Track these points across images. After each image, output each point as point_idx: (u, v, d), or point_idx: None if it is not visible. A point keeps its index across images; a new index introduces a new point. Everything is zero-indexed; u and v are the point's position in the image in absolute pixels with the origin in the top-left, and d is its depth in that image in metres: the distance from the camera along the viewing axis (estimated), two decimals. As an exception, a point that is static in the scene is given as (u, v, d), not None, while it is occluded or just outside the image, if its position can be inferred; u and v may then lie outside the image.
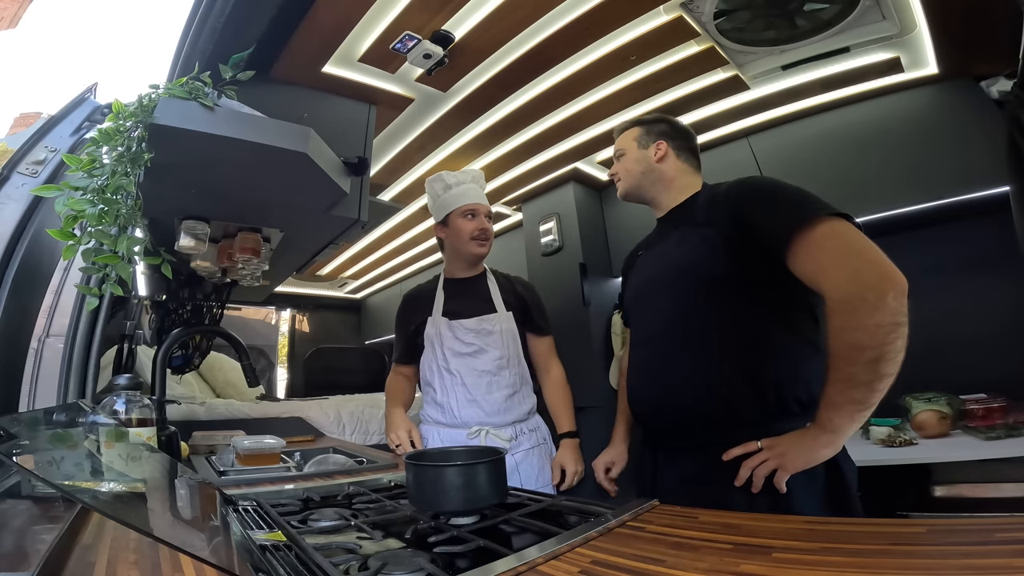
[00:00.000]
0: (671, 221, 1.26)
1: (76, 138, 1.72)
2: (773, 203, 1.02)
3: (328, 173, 1.42)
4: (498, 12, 1.64)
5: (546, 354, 1.76)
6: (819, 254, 0.93)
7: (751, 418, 1.00)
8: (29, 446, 0.93)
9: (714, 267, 1.06)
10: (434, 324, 1.66)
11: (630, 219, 3.13)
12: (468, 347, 1.61)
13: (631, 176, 1.30)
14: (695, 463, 1.06)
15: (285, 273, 2.52)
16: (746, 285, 1.05)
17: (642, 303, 1.26)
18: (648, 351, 1.21)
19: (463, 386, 1.60)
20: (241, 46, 1.38)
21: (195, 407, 2.52)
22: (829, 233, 0.92)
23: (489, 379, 1.60)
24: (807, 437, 0.92)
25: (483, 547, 0.68)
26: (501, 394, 1.60)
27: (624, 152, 1.32)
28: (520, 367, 1.67)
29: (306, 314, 5.36)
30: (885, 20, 1.66)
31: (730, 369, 1.03)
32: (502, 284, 1.74)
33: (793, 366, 1.01)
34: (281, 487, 1.15)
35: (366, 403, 2.94)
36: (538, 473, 1.59)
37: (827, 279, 0.91)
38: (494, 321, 1.64)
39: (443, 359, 1.63)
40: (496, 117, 2.24)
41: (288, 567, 0.61)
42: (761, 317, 1.04)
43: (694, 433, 1.08)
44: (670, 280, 1.16)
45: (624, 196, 1.35)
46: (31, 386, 1.43)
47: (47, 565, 0.58)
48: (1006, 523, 0.50)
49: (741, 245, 1.03)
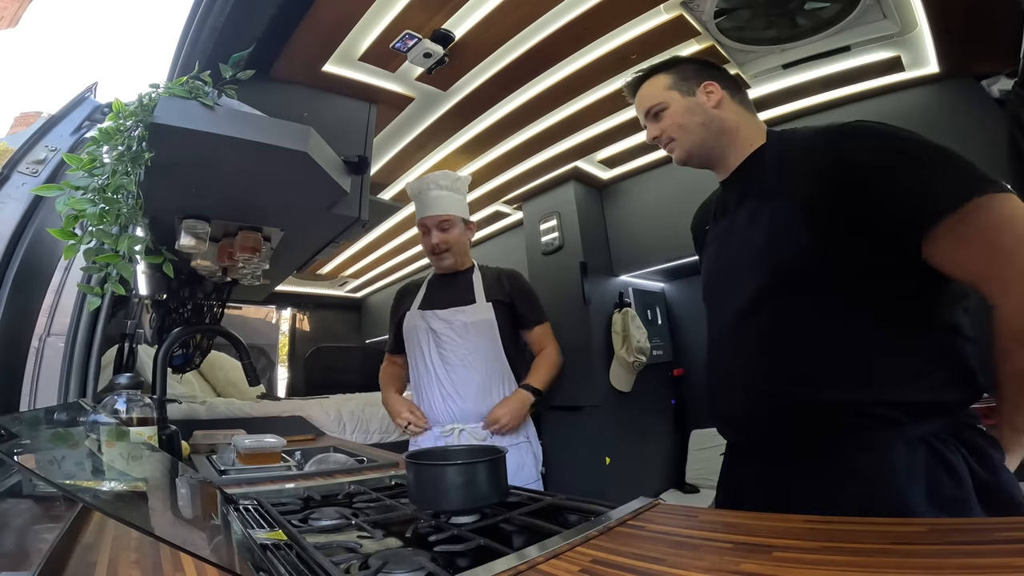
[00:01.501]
0: (735, 187, 0.99)
1: (76, 137, 1.72)
2: (906, 165, 0.77)
3: (328, 172, 1.42)
4: (498, 11, 1.64)
5: (541, 340, 1.75)
6: (986, 244, 0.71)
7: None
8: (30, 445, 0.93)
9: (795, 254, 0.83)
10: (410, 318, 1.71)
11: (631, 218, 3.14)
12: (440, 337, 1.62)
13: (690, 131, 1.00)
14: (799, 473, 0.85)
15: (285, 272, 2.52)
16: (844, 277, 0.81)
17: (713, 297, 1.02)
18: (714, 357, 0.99)
19: (436, 379, 1.61)
20: (241, 45, 1.38)
21: (196, 406, 2.53)
22: (1001, 213, 0.71)
23: (464, 372, 1.60)
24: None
25: (483, 546, 0.68)
26: (474, 386, 1.59)
27: (664, 104, 1.01)
28: (499, 361, 1.65)
29: (307, 313, 5.36)
30: (886, 19, 1.66)
31: (813, 389, 0.81)
32: (487, 278, 1.74)
33: (906, 379, 0.77)
34: (282, 486, 1.15)
35: (366, 402, 2.94)
36: (516, 470, 1.56)
37: (998, 280, 0.71)
38: (469, 312, 1.64)
39: (417, 349, 1.66)
40: (496, 116, 2.23)
41: (289, 566, 0.61)
42: (862, 320, 0.80)
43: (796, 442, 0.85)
44: (740, 269, 0.93)
45: (685, 160, 1.03)
46: (32, 385, 1.44)
47: (48, 564, 0.58)
48: (1006, 523, 0.50)
49: (839, 222, 0.79)
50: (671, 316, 3.47)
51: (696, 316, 3.61)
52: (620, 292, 3.14)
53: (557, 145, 2.56)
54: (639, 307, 3.17)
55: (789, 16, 1.70)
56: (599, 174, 3.08)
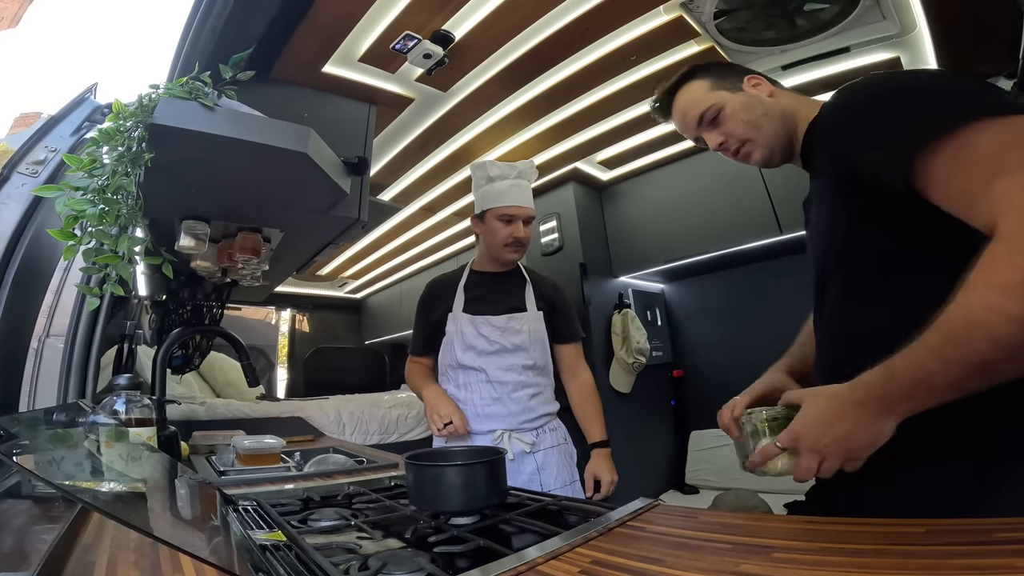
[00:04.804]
0: (808, 168, 0.92)
1: (76, 138, 1.72)
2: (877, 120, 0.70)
3: (328, 173, 1.42)
4: (498, 12, 1.64)
5: (573, 359, 1.69)
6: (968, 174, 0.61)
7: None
8: (29, 446, 0.93)
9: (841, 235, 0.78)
10: (455, 321, 1.59)
11: (630, 219, 3.14)
12: (492, 345, 1.54)
13: (762, 128, 0.91)
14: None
15: (285, 273, 2.52)
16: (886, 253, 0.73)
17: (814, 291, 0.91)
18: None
19: (488, 383, 1.53)
20: (241, 46, 1.38)
21: (195, 407, 2.52)
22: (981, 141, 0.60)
23: (515, 379, 1.53)
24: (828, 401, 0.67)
25: (483, 547, 0.68)
26: (526, 393, 1.54)
27: (719, 105, 0.93)
28: (547, 369, 1.61)
29: (306, 314, 5.36)
30: (885, 20, 1.66)
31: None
32: (535, 283, 1.66)
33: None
34: (281, 487, 1.15)
35: (366, 403, 2.94)
36: (557, 473, 1.54)
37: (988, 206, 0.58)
38: (523, 320, 1.57)
39: (465, 356, 1.55)
40: (496, 117, 2.24)
41: (288, 567, 0.61)
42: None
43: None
44: (818, 260, 0.86)
45: (768, 158, 0.93)
46: (31, 386, 1.44)
47: (47, 565, 0.58)
48: (1005, 523, 0.50)
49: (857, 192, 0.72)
50: (671, 317, 3.47)
51: (696, 317, 3.62)
52: (620, 293, 3.14)
53: (557, 146, 2.57)
54: (639, 308, 3.17)
55: (788, 17, 1.70)
56: (599, 175, 3.08)
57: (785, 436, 0.69)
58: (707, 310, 3.30)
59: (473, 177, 1.67)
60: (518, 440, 1.51)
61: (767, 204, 2.51)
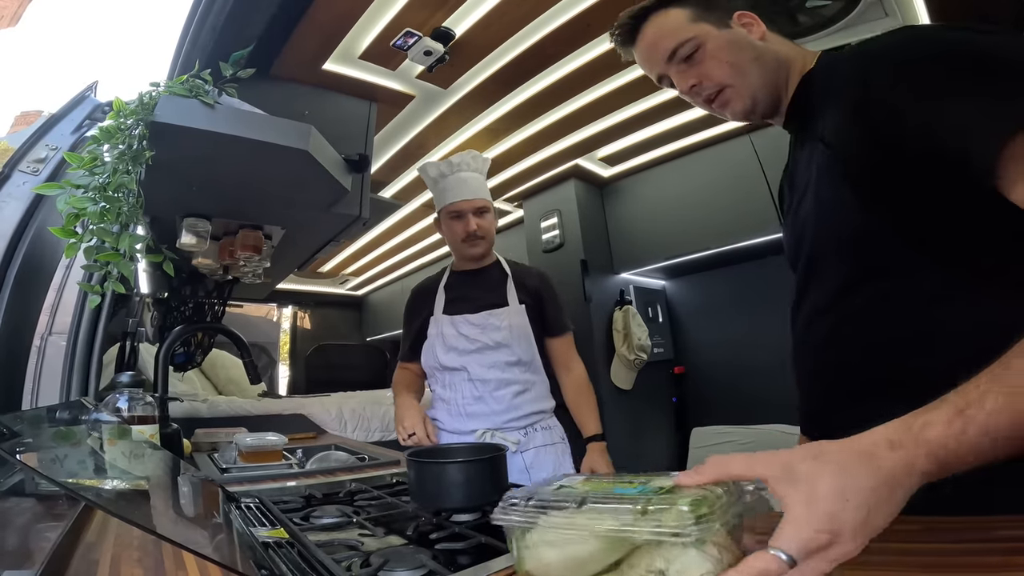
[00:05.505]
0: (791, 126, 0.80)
1: (77, 136, 1.72)
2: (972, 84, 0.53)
3: (329, 170, 1.42)
4: (499, 9, 1.64)
5: (565, 352, 1.64)
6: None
7: None
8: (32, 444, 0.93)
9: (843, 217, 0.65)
10: (436, 323, 1.57)
11: (631, 215, 3.14)
12: (473, 343, 1.51)
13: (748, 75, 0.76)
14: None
15: (286, 270, 2.52)
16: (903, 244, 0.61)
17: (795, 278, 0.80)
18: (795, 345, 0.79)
19: (470, 382, 1.51)
20: (241, 44, 1.38)
21: (197, 404, 2.53)
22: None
23: (498, 376, 1.50)
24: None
25: (484, 543, 0.68)
26: (510, 391, 1.50)
27: (699, 40, 0.77)
28: (534, 365, 1.56)
29: (308, 311, 5.37)
30: (887, 17, 1.65)
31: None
32: (516, 275, 1.61)
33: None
34: (283, 484, 1.15)
35: (368, 400, 2.95)
36: (552, 472, 1.49)
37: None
38: (503, 316, 1.53)
39: (447, 357, 1.53)
40: (497, 114, 2.23)
41: (290, 564, 0.61)
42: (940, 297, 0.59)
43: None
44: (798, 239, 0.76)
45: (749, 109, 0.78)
46: (34, 384, 1.44)
47: (51, 563, 0.58)
48: (1005, 521, 0.50)
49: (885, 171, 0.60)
50: (672, 314, 3.47)
51: (697, 313, 3.62)
52: (621, 290, 3.14)
53: (558, 143, 2.57)
54: (640, 305, 3.17)
55: (790, 14, 1.69)
56: (600, 172, 3.08)
57: (803, 538, 0.39)
58: (708, 307, 3.30)
59: (425, 182, 1.65)
60: (502, 439, 1.47)
61: (768, 200, 2.50)
